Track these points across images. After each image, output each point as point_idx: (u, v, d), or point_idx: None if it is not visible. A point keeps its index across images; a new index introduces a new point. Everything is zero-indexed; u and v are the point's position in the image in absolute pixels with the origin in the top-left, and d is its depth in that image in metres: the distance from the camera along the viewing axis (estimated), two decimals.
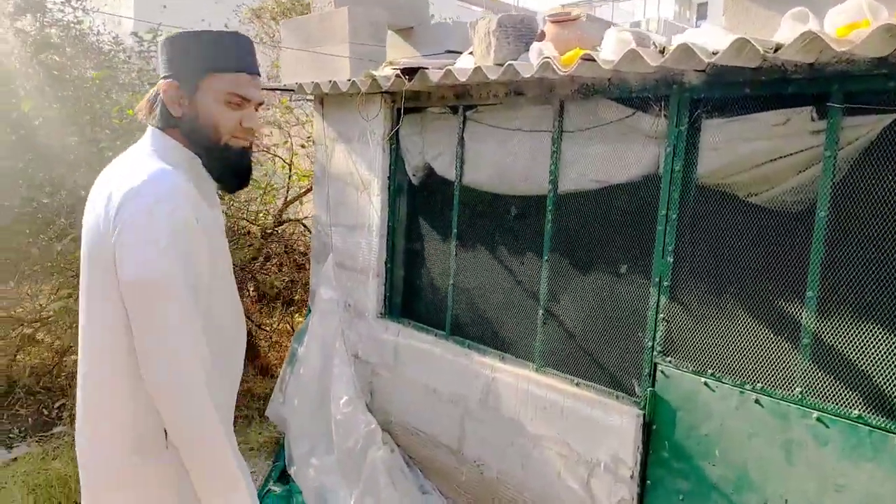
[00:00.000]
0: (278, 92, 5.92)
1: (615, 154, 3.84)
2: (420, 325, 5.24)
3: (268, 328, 8.68)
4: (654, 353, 3.65)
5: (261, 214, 8.47)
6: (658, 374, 3.63)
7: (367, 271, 5.51)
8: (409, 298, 5.51)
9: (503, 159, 4.50)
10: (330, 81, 5.25)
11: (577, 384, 4.04)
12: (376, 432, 4.65)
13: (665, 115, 3.58)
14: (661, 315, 3.61)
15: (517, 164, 4.41)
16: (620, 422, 3.72)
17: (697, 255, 3.52)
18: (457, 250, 4.90)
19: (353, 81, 5.00)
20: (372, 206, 5.44)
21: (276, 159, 8.90)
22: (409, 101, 5.16)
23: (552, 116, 4.15)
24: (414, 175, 5.31)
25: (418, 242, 5.42)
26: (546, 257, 4.22)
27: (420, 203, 5.40)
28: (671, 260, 3.56)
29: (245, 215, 8.00)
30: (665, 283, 3.59)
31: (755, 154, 3.24)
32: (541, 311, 4.25)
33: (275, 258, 9.54)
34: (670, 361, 3.59)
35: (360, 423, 4.59)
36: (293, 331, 7.89)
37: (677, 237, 3.55)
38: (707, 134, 3.43)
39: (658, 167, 3.65)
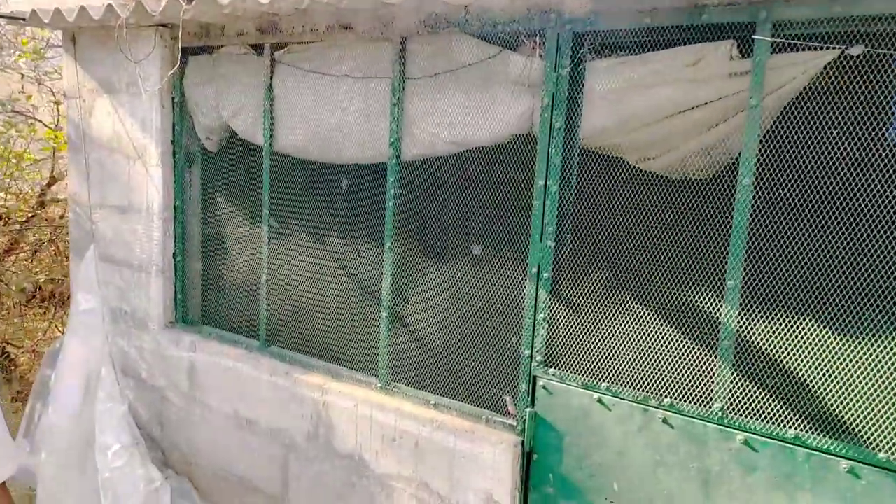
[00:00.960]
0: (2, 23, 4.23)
1: (476, 107, 2.94)
2: (225, 334, 4.01)
3: (34, 338, 6.78)
4: (533, 363, 2.84)
5: (8, 193, 6.50)
6: (539, 389, 2.83)
7: (147, 267, 4.13)
8: (210, 301, 4.24)
9: (327, 116, 3.41)
10: (79, 8, 3.74)
11: (436, 405, 3.14)
12: (163, 494, 3.39)
13: (541, 55, 2.73)
14: (541, 315, 2.80)
15: (346, 123, 3.35)
16: (493, 453, 2.88)
17: (585, 237, 2.75)
18: (270, 237, 3.74)
19: (111, 6, 3.56)
20: (150, 180, 4.06)
21: (33, 122, 6.91)
22: (196, 37, 3.84)
23: (391, 58, 3.14)
24: (208, 139, 4.02)
25: (218, 227, 4.15)
26: (389, 244, 3.23)
27: (218, 176, 4.12)
28: (551, 244, 2.75)
29: None
30: (545, 275, 2.78)
31: (658, 105, 2.50)
32: (384, 313, 3.27)
33: (36, 248, 7.54)
34: (554, 374, 2.80)
35: (139, 482, 3.31)
36: None
37: (559, 216, 2.75)
38: (595, 79, 2.64)
39: (532, 124, 2.81)
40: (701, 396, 2.49)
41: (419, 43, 3.08)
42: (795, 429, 2.30)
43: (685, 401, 2.52)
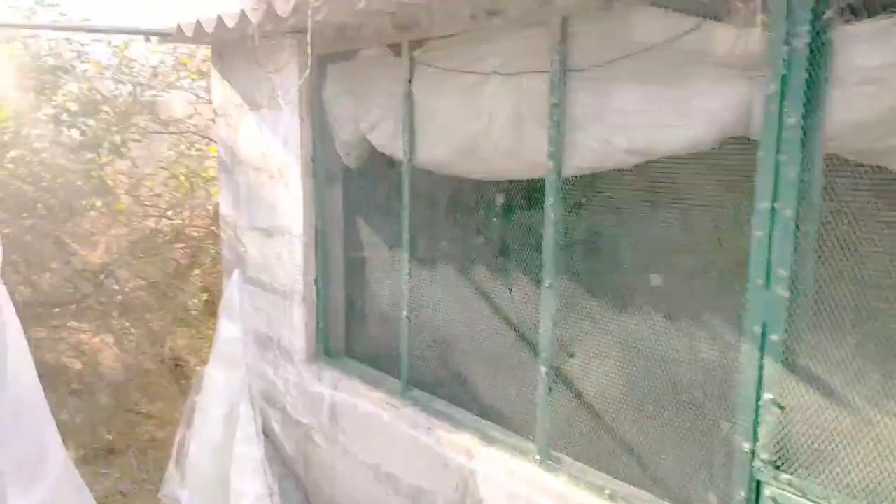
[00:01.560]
0: (154, 41, 4.18)
1: (665, 103, 2.16)
2: (369, 371, 3.60)
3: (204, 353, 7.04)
4: (756, 462, 2.01)
5: (184, 212, 6.75)
6: (765, 501, 1.99)
7: (290, 293, 3.84)
8: (354, 332, 3.86)
9: (471, 124, 2.81)
10: (217, 17, 3.51)
11: (611, 496, 2.41)
12: None
13: (762, 22, 1.89)
14: (769, 394, 1.96)
15: (493, 131, 2.73)
16: None
17: (837, 285, 1.87)
18: (410, 266, 3.23)
19: (243, 12, 3.26)
20: (291, 200, 3.75)
21: (208, 141, 7.16)
22: (333, 42, 3.44)
23: (548, 45, 2.45)
24: (348, 154, 3.61)
25: (361, 252, 3.74)
26: (548, 281, 2.55)
27: (360, 195, 3.71)
28: (784, 294, 1.91)
29: (158, 212, 6.30)
30: (773, 337, 1.94)
31: None
32: (542, 368, 2.60)
33: (214, 263, 7.86)
34: (791, 483, 1.95)
35: None
36: None
37: (795, 253, 1.89)
38: (849, 52, 1.75)
39: (749, 122, 1.98)
40: None
41: (585, 23, 2.36)
42: None
43: None
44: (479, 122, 2.78)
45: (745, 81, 1.95)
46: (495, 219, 3.01)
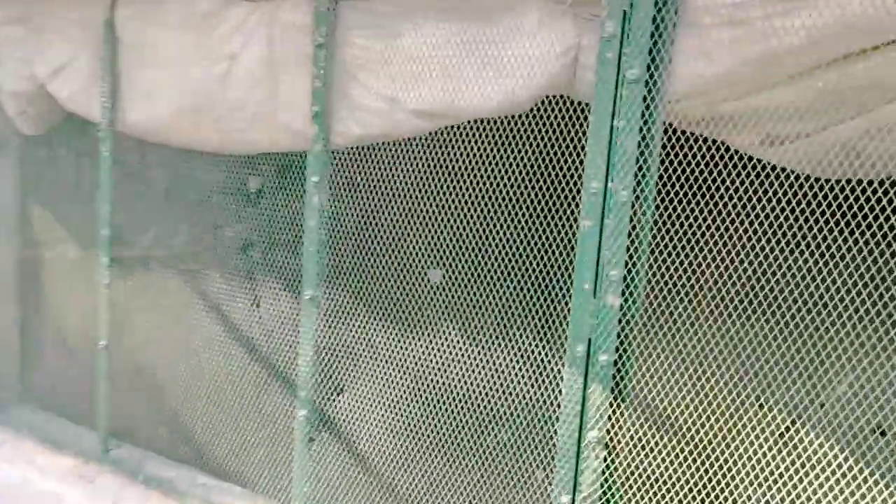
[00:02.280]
0: None
1: (469, 50, 1.62)
2: (49, 423, 2.54)
3: None
4: None
5: None
6: None
7: None
8: (32, 366, 2.74)
9: (203, 69, 2.01)
10: None
11: None
12: None
13: None
14: (595, 433, 1.50)
15: (235, 81, 1.97)
16: None
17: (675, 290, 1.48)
18: (112, 272, 2.29)
19: None
20: None
21: None
22: None
23: None
24: (21, 114, 2.53)
25: (40, 251, 2.66)
26: (309, 292, 1.86)
27: (41, 173, 2.64)
28: (615, 302, 1.47)
29: None
30: (602, 358, 1.48)
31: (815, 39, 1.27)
32: (301, 410, 1.89)
33: None
34: None
35: None
36: None
37: (633, 247, 1.47)
38: None
39: (575, 77, 1.52)
40: None
41: None
42: None
43: None
44: (213, 68, 2.00)
45: (573, 21, 1.49)
46: (239, 210, 2.24)
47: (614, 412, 1.48)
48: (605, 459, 1.49)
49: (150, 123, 2.16)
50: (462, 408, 1.76)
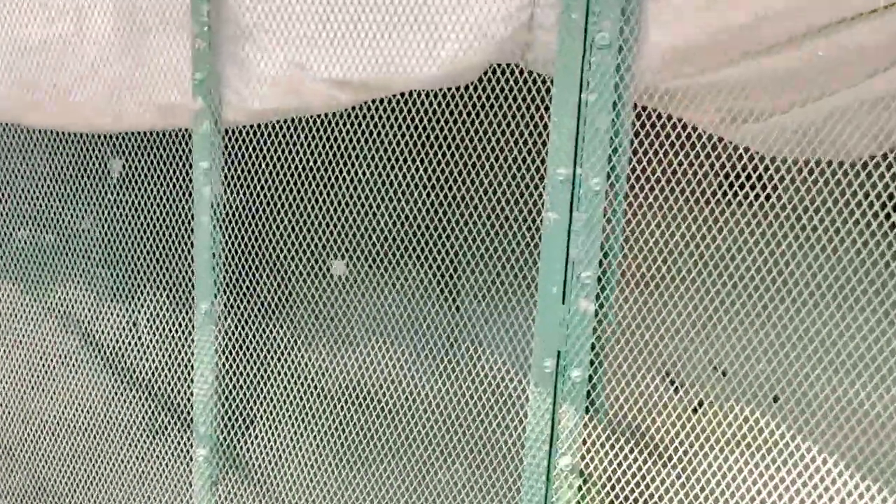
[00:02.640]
0: None
1: (404, 6, 1.32)
2: None
3: None
4: None
5: None
6: None
7: None
8: None
9: (42, 27, 1.56)
10: None
11: None
12: None
13: None
14: (567, 459, 1.31)
15: (87, 42, 1.54)
16: None
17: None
18: None
19: None
20: None
21: None
22: None
23: None
24: None
25: None
26: (205, 303, 1.51)
27: None
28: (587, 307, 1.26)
29: None
30: (574, 374, 1.28)
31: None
32: (200, 450, 1.55)
33: None
34: None
35: None
36: None
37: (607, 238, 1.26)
38: None
39: (530, 41, 1.27)
40: None
41: None
42: None
43: None
44: (56, 26, 1.55)
45: None
46: (103, 201, 1.81)
47: (589, 435, 1.28)
48: (580, 489, 1.30)
49: None
50: (406, 432, 1.51)
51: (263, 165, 1.65)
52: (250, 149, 1.55)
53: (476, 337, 1.61)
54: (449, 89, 1.41)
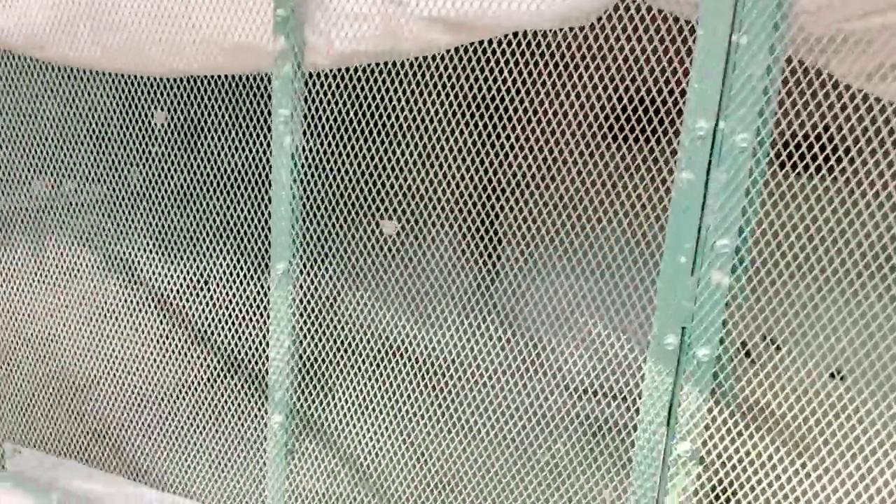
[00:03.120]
0: None
1: None
2: None
3: None
4: None
5: None
6: None
7: None
8: None
9: None
10: None
11: None
12: None
13: None
14: (685, 445, 1.19)
15: None
16: None
17: None
18: None
19: None
20: None
21: None
22: None
23: None
24: None
25: None
26: (282, 263, 1.40)
27: None
28: None
29: None
30: (701, 352, 1.15)
31: None
32: (276, 416, 1.47)
33: None
34: None
35: None
36: None
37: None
38: None
39: None
40: None
41: None
42: None
43: None
44: None
45: None
46: (150, 157, 1.69)
47: (714, 420, 1.17)
48: (699, 477, 1.19)
49: (23, 33, 1.53)
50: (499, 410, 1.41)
51: (336, 113, 1.52)
52: (320, 95, 1.42)
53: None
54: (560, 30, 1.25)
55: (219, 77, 1.62)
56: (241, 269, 1.54)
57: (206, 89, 1.63)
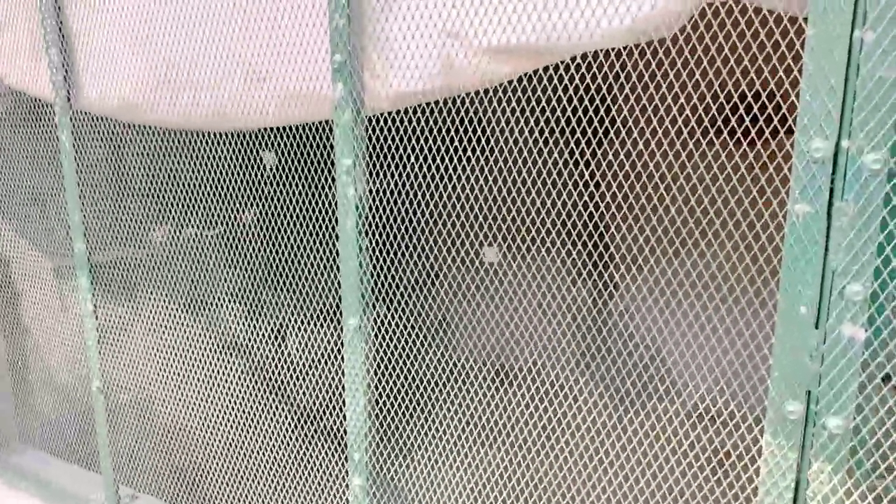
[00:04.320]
0: None
1: None
2: (55, 469, 2.10)
3: None
4: None
5: None
6: None
7: None
8: (27, 403, 2.29)
9: (167, 22, 1.44)
10: None
11: None
12: None
13: None
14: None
15: (207, 30, 1.40)
16: None
17: None
18: (97, 292, 1.79)
19: None
20: None
21: None
22: None
23: None
24: None
25: (5, 268, 2.17)
26: (354, 318, 1.33)
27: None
28: None
29: None
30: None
31: None
32: (358, 480, 1.40)
33: None
34: None
35: None
36: None
37: None
38: None
39: None
40: None
41: None
42: None
43: None
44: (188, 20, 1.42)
45: None
46: (247, 208, 1.70)
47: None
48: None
49: (115, 99, 1.59)
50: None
51: (397, 158, 1.44)
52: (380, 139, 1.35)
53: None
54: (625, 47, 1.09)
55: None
56: (317, 324, 1.49)
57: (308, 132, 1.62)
